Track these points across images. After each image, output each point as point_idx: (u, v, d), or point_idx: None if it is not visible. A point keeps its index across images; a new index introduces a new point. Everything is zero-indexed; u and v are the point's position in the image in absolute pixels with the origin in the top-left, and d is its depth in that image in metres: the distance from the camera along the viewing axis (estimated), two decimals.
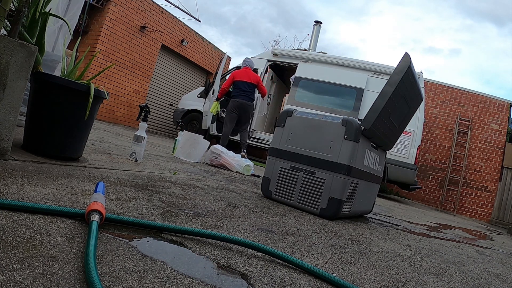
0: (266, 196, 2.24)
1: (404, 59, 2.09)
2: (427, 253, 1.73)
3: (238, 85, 5.69)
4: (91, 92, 1.59)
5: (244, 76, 5.70)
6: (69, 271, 0.63)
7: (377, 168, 2.56)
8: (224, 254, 0.95)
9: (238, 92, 5.66)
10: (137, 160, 2.34)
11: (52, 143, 1.63)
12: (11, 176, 1.15)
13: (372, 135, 2.19)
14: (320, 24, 11.21)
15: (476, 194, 9.51)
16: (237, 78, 5.71)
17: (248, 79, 5.69)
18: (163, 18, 9.72)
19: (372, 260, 1.29)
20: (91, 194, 1.18)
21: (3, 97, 1.31)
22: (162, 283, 0.68)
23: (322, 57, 7.71)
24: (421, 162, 9.81)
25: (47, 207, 0.90)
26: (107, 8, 8.31)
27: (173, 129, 10.11)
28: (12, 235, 0.71)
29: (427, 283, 1.17)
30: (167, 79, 10.52)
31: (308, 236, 1.42)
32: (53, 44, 2.85)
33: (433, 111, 10.05)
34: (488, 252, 2.39)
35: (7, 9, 1.38)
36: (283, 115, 2.29)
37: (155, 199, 1.37)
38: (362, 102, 6.73)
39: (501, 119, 9.54)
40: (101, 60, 8.18)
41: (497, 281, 1.48)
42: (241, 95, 5.65)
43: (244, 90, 5.66)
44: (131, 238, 0.89)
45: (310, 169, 2.08)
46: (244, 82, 5.67)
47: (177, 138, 3.81)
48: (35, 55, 1.40)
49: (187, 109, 8.47)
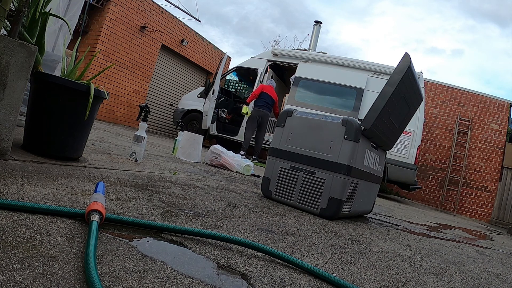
0: (266, 196, 2.24)
1: (404, 59, 2.08)
2: (427, 253, 1.73)
3: (264, 97, 6.46)
4: (91, 92, 1.59)
5: (271, 91, 6.55)
6: (69, 271, 0.63)
7: (377, 168, 2.55)
8: (224, 254, 0.95)
9: (263, 103, 6.42)
10: (137, 160, 2.34)
11: (52, 143, 1.63)
12: (11, 176, 1.15)
13: (372, 135, 2.19)
14: (320, 24, 11.21)
15: (476, 194, 9.51)
16: (265, 90, 6.50)
17: (273, 95, 6.56)
18: (163, 18, 9.72)
19: (372, 260, 1.29)
20: (91, 194, 1.18)
21: (3, 97, 1.31)
22: (162, 283, 0.68)
23: (322, 57, 7.71)
24: (421, 162, 9.81)
25: (47, 207, 0.90)
26: (107, 8, 8.31)
27: (173, 129, 10.11)
28: (12, 235, 0.71)
29: (427, 283, 1.17)
30: (167, 79, 10.51)
31: (308, 236, 1.42)
32: (53, 44, 2.85)
33: (433, 111, 10.05)
34: (488, 252, 2.39)
35: (7, 9, 1.38)
36: (283, 115, 2.29)
37: (155, 199, 1.37)
38: (362, 102, 6.73)
39: (501, 119, 9.54)
40: (101, 60, 8.17)
41: (497, 281, 1.48)
42: (265, 107, 6.43)
43: (268, 103, 6.46)
44: (131, 238, 0.89)
45: (310, 169, 2.08)
46: (270, 96, 6.49)
47: (177, 138, 3.81)
48: (35, 55, 1.40)
49: (187, 109, 8.46)
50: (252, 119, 6.37)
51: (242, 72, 9.21)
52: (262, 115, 6.34)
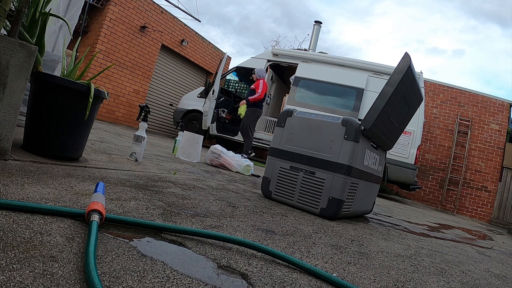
0: (266, 196, 2.24)
1: (404, 59, 2.09)
2: (427, 253, 1.73)
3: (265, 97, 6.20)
4: (91, 92, 1.59)
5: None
6: (69, 271, 0.63)
7: (377, 168, 2.55)
8: (224, 254, 0.95)
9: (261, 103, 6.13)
10: (137, 160, 2.34)
11: (52, 143, 1.63)
12: (11, 176, 1.15)
13: (372, 135, 2.19)
14: (320, 24, 11.21)
15: (476, 194, 9.51)
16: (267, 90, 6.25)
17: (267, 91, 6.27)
18: (163, 18, 9.71)
19: (372, 260, 1.29)
20: (91, 194, 1.18)
21: (3, 97, 1.31)
22: (162, 283, 0.68)
23: (322, 57, 7.71)
24: (421, 162, 9.81)
25: (47, 207, 0.90)
26: (107, 8, 8.30)
27: (173, 129, 10.11)
28: (12, 235, 0.71)
29: (427, 283, 1.17)
30: (167, 79, 10.51)
31: (308, 236, 1.42)
32: (53, 44, 2.85)
33: (433, 111, 10.05)
34: (488, 252, 2.39)
35: (7, 9, 1.38)
36: (283, 115, 2.29)
37: (155, 199, 1.37)
38: (362, 102, 6.73)
39: (501, 119, 9.54)
40: (101, 60, 8.17)
41: (497, 281, 1.48)
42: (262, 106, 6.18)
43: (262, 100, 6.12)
44: (131, 238, 0.89)
45: (310, 169, 2.08)
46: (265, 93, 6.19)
47: (177, 138, 3.81)
48: (35, 55, 1.40)
49: (187, 109, 8.46)
50: (254, 120, 6.16)
51: (242, 72, 9.21)
52: (259, 115, 6.21)
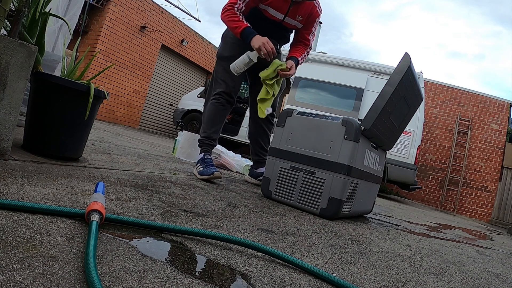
0: (266, 196, 2.24)
1: (404, 59, 2.08)
2: (427, 253, 1.73)
3: None
4: (91, 92, 1.59)
5: None
6: (69, 271, 0.63)
7: (377, 168, 2.56)
8: (224, 254, 0.95)
9: None
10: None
11: (52, 143, 1.63)
12: (11, 176, 1.15)
13: (372, 135, 2.19)
14: (320, 24, 11.21)
15: (476, 194, 9.52)
16: None
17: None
18: (163, 18, 9.71)
19: (372, 260, 1.29)
20: (91, 194, 1.18)
21: (3, 97, 1.31)
22: (162, 283, 0.68)
23: (322, 57, 7.71)
24: (421, 162, 9.81)
25: (47, 207, 0.90)
26: (107, 8, 8.30)
27: (173, 129, 10.11)
28: (12, 235, 0.71)
29: (427, 283, 1.17)
30: (167, 79, 10.51)
31: (308, 236, 1.42)
32: (53, 44, 2.85)
33: (433, 111, 10.05)
34: (488, 252, 2.39)
35: (7, 9, 1.38)
36: (283, 115, 2.29)
37: (155, 199, 1.37)
38: (362, 102, 6.73)
39: (501, 119, 9.54)
40: (101, 60, 8.17)
41: (497, 281, 1.48)
42: None
43: None
44: (131, 238, 0.89)
45: (310, 169, 2.08)
46: None
47: (177, 138, 3.81)
48: (35, 55, 1.40)
49: (187, 109, 8.46)
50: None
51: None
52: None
